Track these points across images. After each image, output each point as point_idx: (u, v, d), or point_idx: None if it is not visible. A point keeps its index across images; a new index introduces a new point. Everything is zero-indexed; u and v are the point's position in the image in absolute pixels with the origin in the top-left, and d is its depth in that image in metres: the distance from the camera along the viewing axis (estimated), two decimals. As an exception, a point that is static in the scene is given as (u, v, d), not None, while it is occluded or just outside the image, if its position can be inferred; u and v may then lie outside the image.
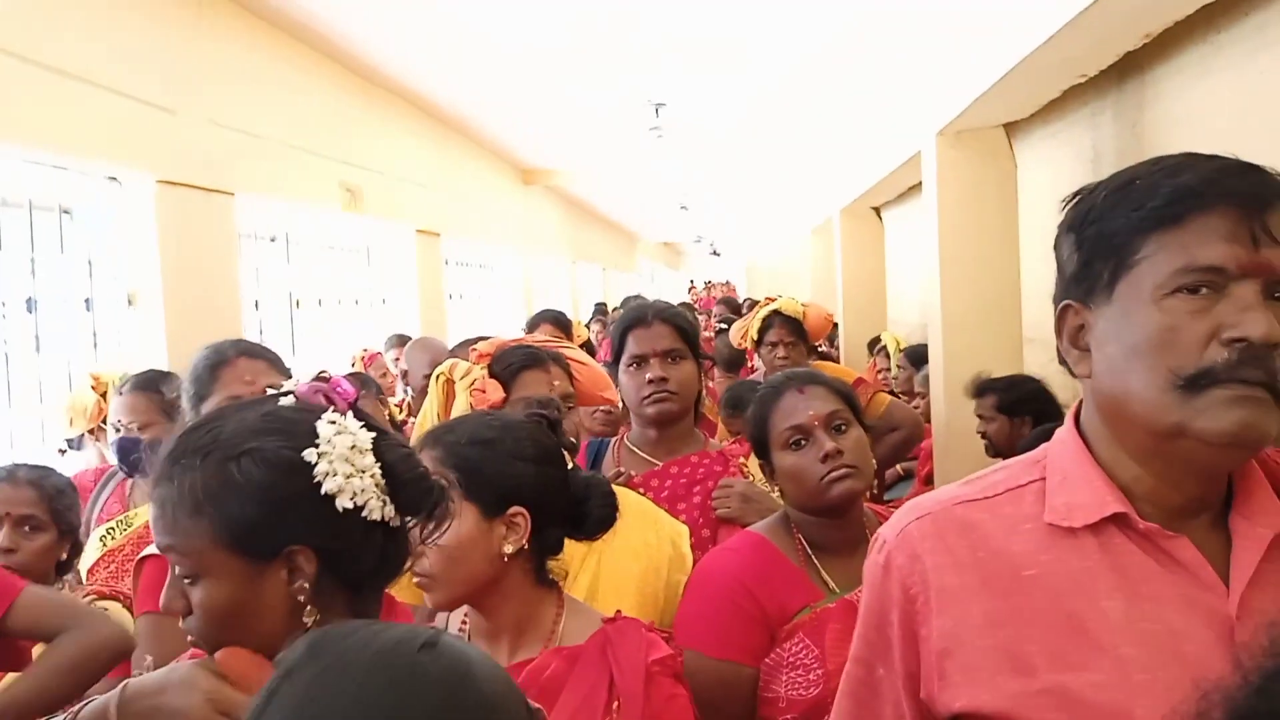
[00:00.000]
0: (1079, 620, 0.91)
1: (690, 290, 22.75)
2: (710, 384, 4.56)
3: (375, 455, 1.04)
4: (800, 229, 10.83)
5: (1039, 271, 4.21)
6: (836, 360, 7.05)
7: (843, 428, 1.74)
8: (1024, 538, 0.96)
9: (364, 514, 1.02)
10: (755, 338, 4.00)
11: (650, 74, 6.22)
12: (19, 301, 3.66)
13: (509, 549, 1.37)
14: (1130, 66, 3.16)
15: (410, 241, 7.04)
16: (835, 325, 7.81)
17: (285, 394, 1.07)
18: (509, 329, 10.14)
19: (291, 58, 5.12)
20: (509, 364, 1.85)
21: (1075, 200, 0.99)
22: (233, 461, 1.00)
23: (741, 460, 2.15)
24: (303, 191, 5.20)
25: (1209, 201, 0.88)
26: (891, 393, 5.18)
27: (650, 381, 2.14)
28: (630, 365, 2.19)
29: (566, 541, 1.47)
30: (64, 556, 2.18)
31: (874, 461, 1.76)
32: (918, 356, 4.95)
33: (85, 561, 2.35)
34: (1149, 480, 0.94)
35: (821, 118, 7.48)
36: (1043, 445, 1.03)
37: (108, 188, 3.84)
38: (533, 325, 4.18)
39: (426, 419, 1.85)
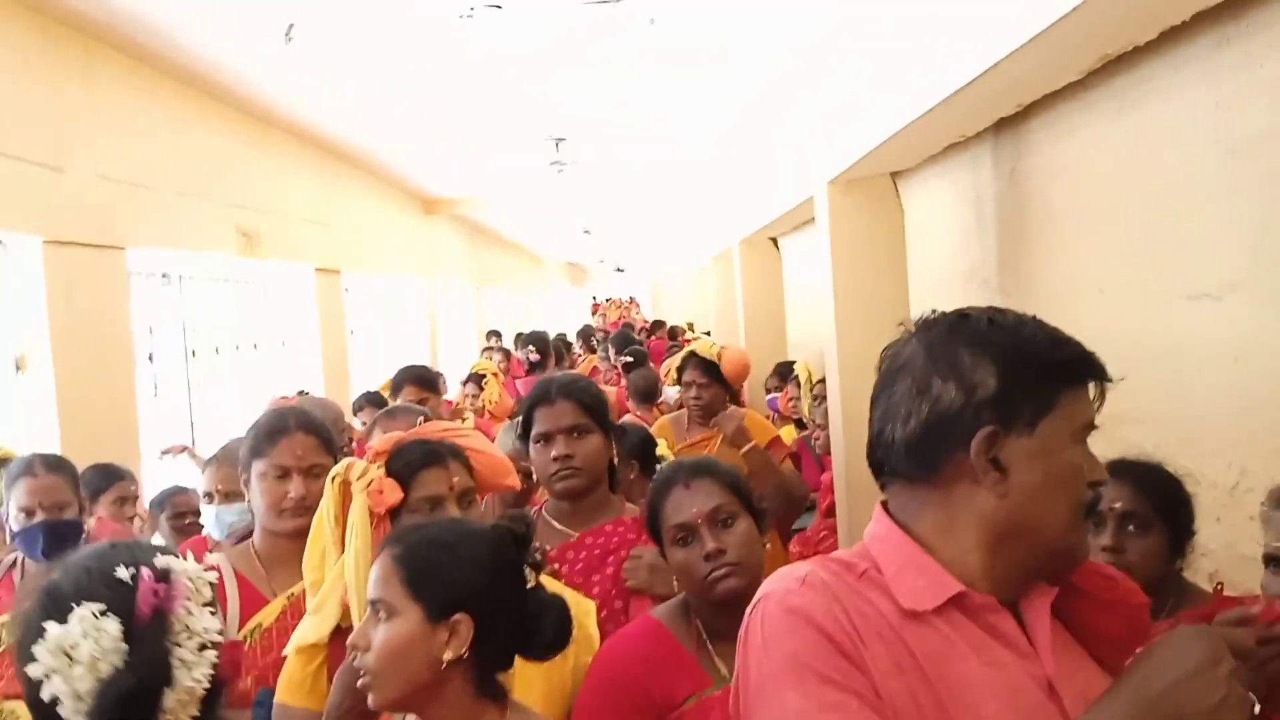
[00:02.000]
0: (947, 681, 1.03)
1: (594, 309, 22.75)
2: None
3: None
4: (701, 255, 10.98)
5: (927, 303, 4.38)
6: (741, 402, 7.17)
7: (729, 521, 1.77)
8: (888, 614, 1.06)
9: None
10: (676, 377, 4.09)
11: (551, 109, 6.26)
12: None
13: (449, 655, 1.39)
14: (1009, 117, 3.34)
15: (309, 280, 6.93)
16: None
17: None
18: (415, 358, 10.05)
19: (181, 104, 5.02)
20: (407, 462, 1.83)
21: (979, 322, 1.11)
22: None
23: None
24: (198, 241, 5.09)
25: (1094, 373, 1.10)
26: (799, 422, 5.31)
27: (555, 459, 2.18)
28: (537, 442, 2.23)
29: None
30: None
31: (762, 553, 1.80)
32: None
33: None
34: (990, 577, 1.08)
35: (721, 159, 7.64)
36: (857, 545, 1.15)
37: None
38: (396, 387, 4.07)
39: (320, 526, 1.82)
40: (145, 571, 1.18)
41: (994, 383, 1.06)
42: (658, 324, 13.83)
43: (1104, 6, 1.97)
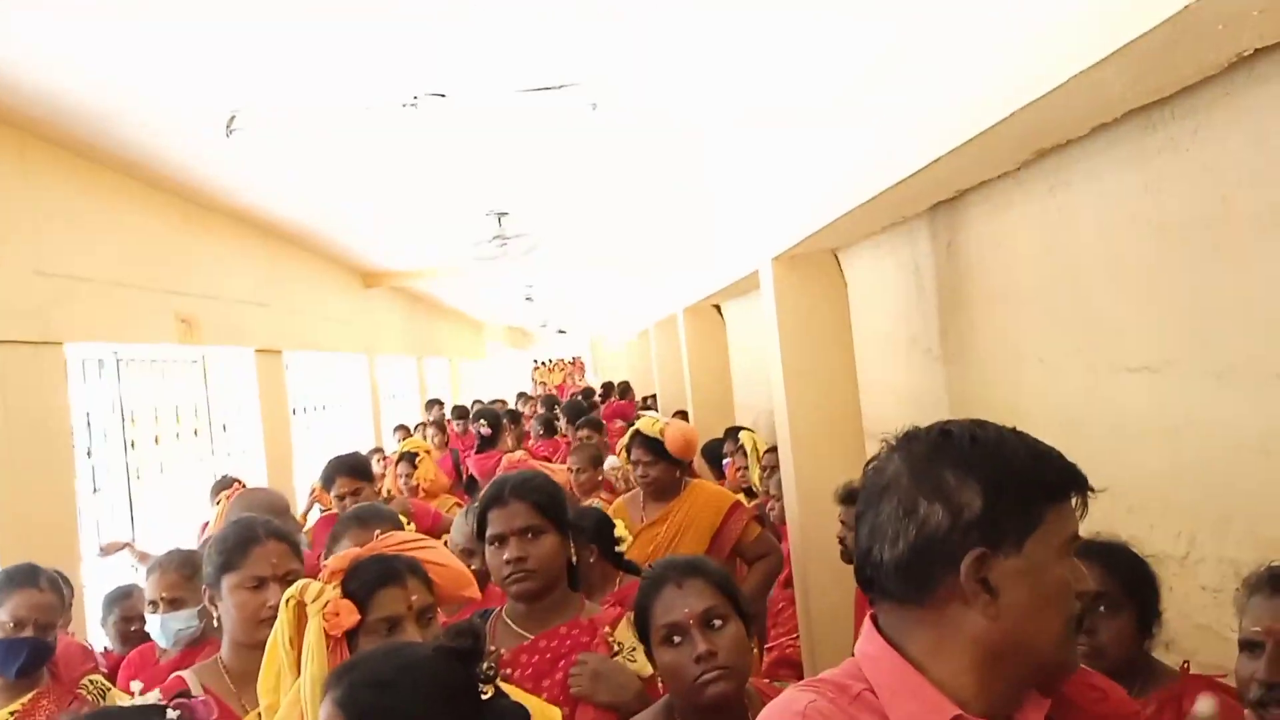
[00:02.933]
0: None
1: (535, 370, 22.68)
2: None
3: None
4: (644, 320, 11.06)
5: (873, 371, 4.48)
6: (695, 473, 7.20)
7: (718, 624, 1.77)
8: None
9: None
10: (626, 455, 4.09)
11: (492, 187, 6.30)
12: None
13: None
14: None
15: (249, 362, 6.82)
16: (681, 414, 7.99)
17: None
18: (359, 437, 9.92)
19: (119, 194, 4.95)
20: (363, 582, 1.80)
21: (961, 440, 1.12)
22: None
23: (607, 630, 2.17)
24: (136, 331, 5.00)
25: (1077, 485, 1.12)
26: (749, 491, 5.34)
27: (508, 561, 2.16)
28: (491, 544, 2.21)
29: None
30: None
31: (750, 657, 1.81)
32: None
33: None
34: (984, 697, 1.09)
35: (664, 233, 7.74)
36: (849, 661, 1.17)
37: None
38: (328, 479, 3.99)
39: (275, 648, 1.77)
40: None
41: (980, 503, 1.07)
42: (608, 386, 13.80)
43: (1039, 110, 2.06)
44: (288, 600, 1.78)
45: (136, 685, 1.84)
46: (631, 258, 9.58)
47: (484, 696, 1.41)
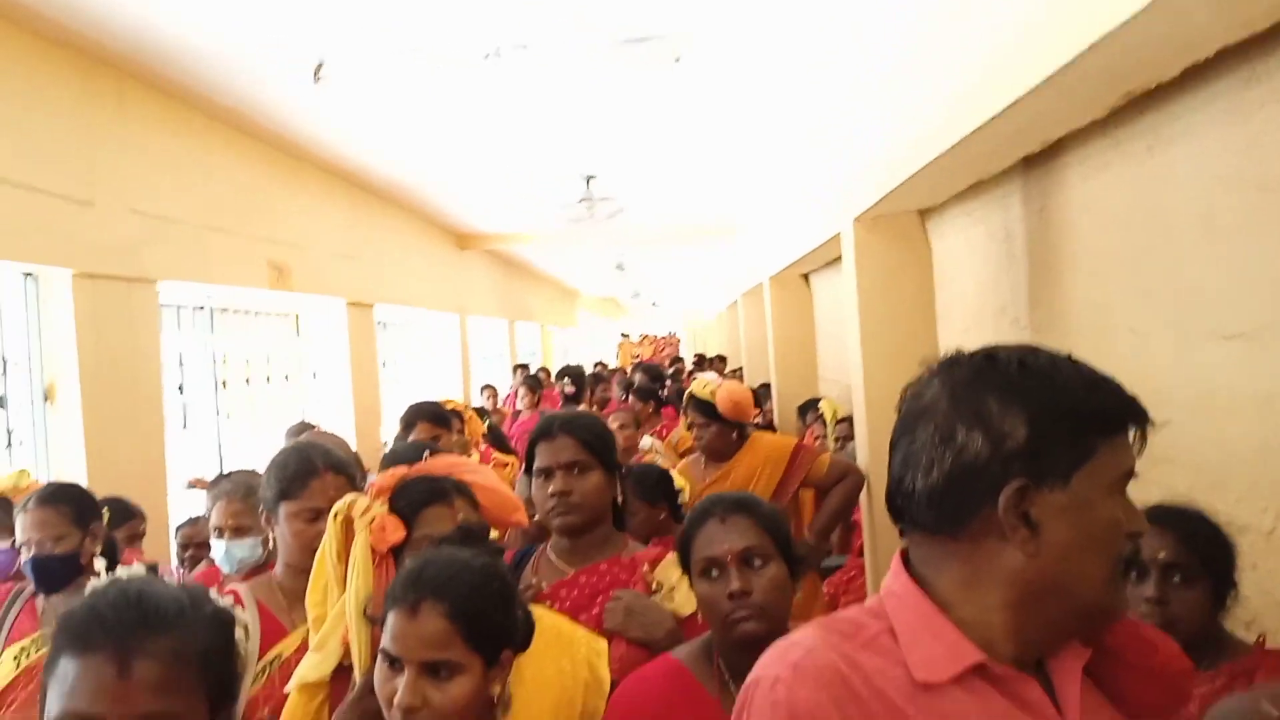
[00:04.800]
0: None
1: (621, 342, 22.67)
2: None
3: None
4: (733, 291, 10.97)
5: (955, 340, 4.33)
6: (773, 428, 7.11)
7: (757, 563, 1.73)
8: (895, 685, 0.99)
9: None
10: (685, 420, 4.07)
11: (580, 146, 6.29)
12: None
13: (498, 690, 1.46)
14: (1038, 155, 3.30)
15: (341, 314, 6.98)
16: (765, 388, 7.89)
17: None
18: (447, 393, 10.08)
19: (212, 138, 5.09)
20: (410, 499, 1.80)
21: (1008, 366, 1.03)
22: None
23: (646, 568, 2.15)
24: (228, 274, 5.14)
25: (1135, 418, 1.02)
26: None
27: (553, 495, 2.15)
28: (538, 477, 2.21)
29: None
30: None
31: (789, 600, 1.75)
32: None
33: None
34: (1016, 639, 1.01)
35: (749, 197, 7.64)
36: (875, 597, 1.09)
37: (23, 282, 3.77)
38: (408, 424, 4.06)
39: (323, 562, 1.80)
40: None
41: (1024, 432, 0.99)
42: (700, 358, 13.68)
43: (1119, 43, 1.93)
44: (335, 515, 1.79)
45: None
46: (718, 224, 9.50)
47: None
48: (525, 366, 11.33)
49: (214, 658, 1.15)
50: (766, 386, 8.00)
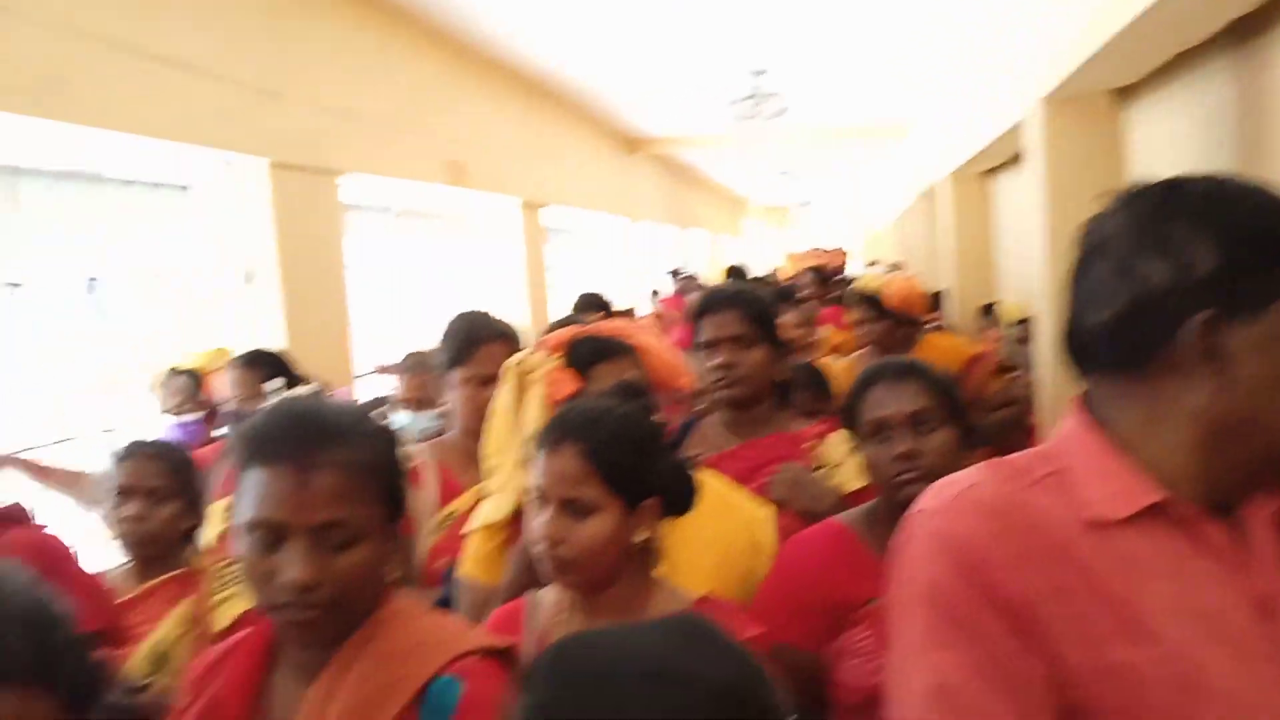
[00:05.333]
0: (1130, 603, 0.92)
1: (790, 254, 22.22)
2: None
3: None
4: (907, 194, 10.59)
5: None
6: (948, 332, 6.88)
7: (928, 427, 1.68)
8: (1062, 524, 0.95)
9: None
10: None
11: (749, 42, 6.15)
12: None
13: (640, 538, 1.45)
14: (1248, 28, 3.00)
15: (513, 214, 7.14)
16: (939, 294, 7.62)
17: None
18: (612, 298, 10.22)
19: (394, 37, 5.24)
20: (584, 355, 1.84)
21: (1195, 191, 0.96)
22: None
23: (812, 443, 2.13)
24: (406, 169, 5.33)
25: None
26: (1004, 367, 5.05)
27: (715, 368, 2.16)
28: (702, 350, 2.21)
29: None
30: (190, 526, 2.30)
31: (956, 469, 1.70)
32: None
33: (211, 533, 2.48)
34: (1201, 482, 0.95)
35: (924, 85, 7.28)
36: (1043, 444, 1.04)
37: (223, 167, 4.03)
38: (579, 309, 4.14)
39: (499, 413, 1.87)
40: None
41: (1214, 260, 0.91)
42: (841, 274, 13.36)
43: None
44: (512, 369, 1.85)
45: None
46: (887, 124, 9.13)
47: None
48: (681, 272, 11.34)
49: (383, 469, 1.21)
50: (941, 294, 7.72)
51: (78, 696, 0.94)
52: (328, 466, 1.13)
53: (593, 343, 1.87)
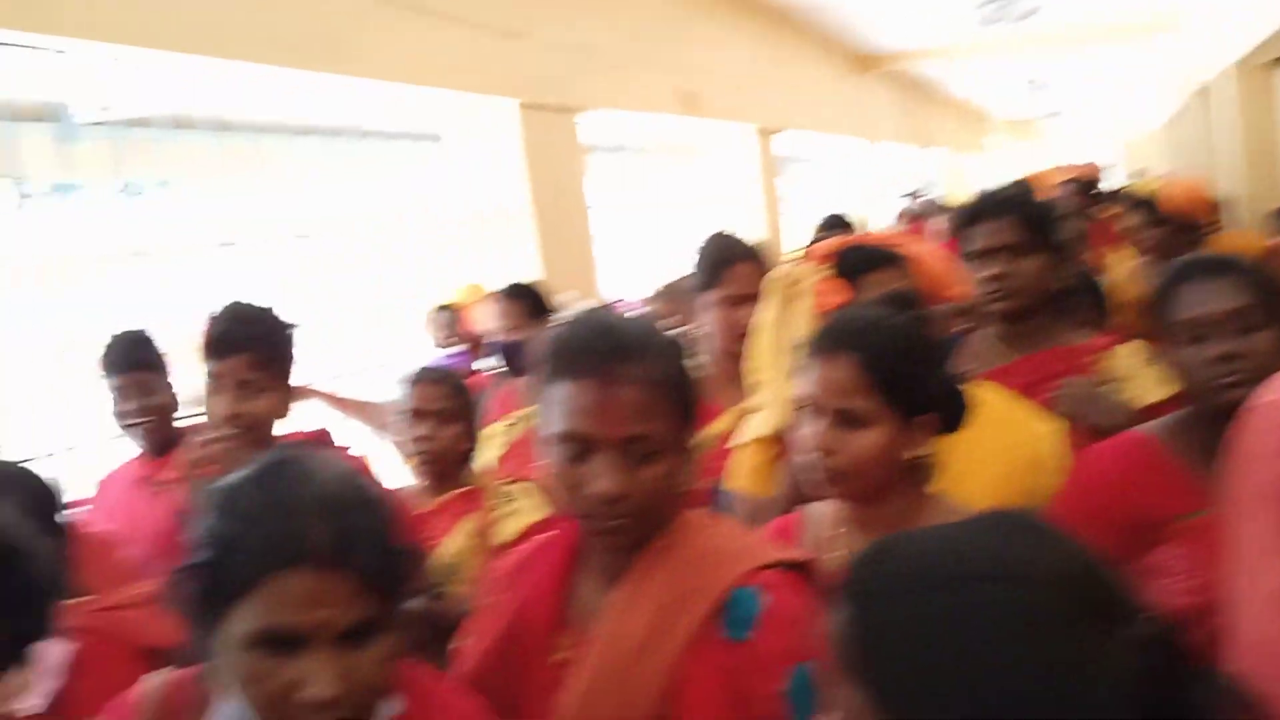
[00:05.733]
0: None
1: (1038, 172, 20.74)
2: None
3: None
4: (1175, 94, 9.62)
5: None
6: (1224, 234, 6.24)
7: (1249, 327, 1.50)
8: None
9: None
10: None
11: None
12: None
13: (914, 453, 1.41)
14: None
15: (748, 141, 7.05)
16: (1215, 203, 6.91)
17: None
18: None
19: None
20: (853, 264, 1.78)
21: None
22: None
23: (1096, 356, 1.98)
24: (641, 101, 5.37)
25: None
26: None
27: (986, 279, 2.02)
28: (972, 260, 2.08)
29: None
30: (469, 448, 2.44)
31: None
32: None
33: (487, 454, 2.64)
34: None
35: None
36: None
37: (474, 113, 4.20)
38: (825, 227, 4.01)
39: (764, 327, 1.84)
40: None
41: None
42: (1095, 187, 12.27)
43: None
44: (776, 281, 1.82)
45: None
46: (1147, 18, 8.29)
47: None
48: (920, 194, 10.85)
49: (679, 383, 1.21)
50: (1221, 200, 7.00)
51: (379, 581, 0.98)
52: (632, 381, 1.14)
53: (862, 251, 1.81)
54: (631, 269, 5.97)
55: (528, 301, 3.00)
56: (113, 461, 2.44)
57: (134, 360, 2.35)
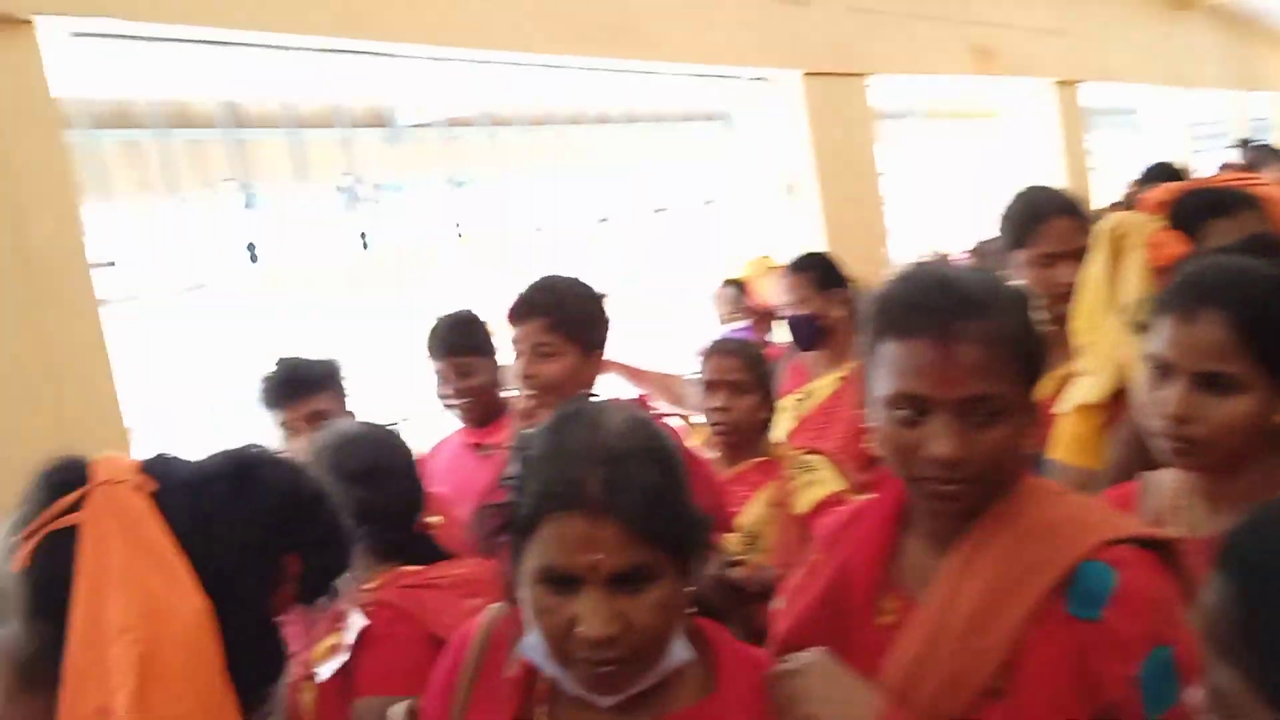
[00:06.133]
0: None
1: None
2: None
3: None
4: None
5: None
6: None
7: None
8: None
9: None
10: None
11: None
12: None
13: None
14: None
15: (1046, 96, 6.58)
16: None
17: None
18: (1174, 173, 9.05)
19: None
20: (1191, 212, 1.63)
21: None
22: None
23: None
24: (932, 62, 5.15)
25: None
26: None
27: None
28: None
29: None
30: (766, 418, 2.42)
31: None
32: None
33: (781, 428, 2.65)
34: None
35: None
36: None
37: (759, 88, 4.20)
38: (1144, 181, 3.63)
39: (1092, 285, 1.71)
40: None
41: None
42: None
43: None
44: (1107, 231, 1.69)
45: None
46: None
47: None
48: (1252, 141, 9.66)
49: (1023, 340, 1.12)
50: None
51: (651, 531, 1.00)
52: (971, 338, 1.06)
53: (1205, 195, 1.63)
54: (925, 238, 5.77)
55: (816, 273, 2.96)
56: (445, 430, 2.67)
57: (451, 345, 2.53)
